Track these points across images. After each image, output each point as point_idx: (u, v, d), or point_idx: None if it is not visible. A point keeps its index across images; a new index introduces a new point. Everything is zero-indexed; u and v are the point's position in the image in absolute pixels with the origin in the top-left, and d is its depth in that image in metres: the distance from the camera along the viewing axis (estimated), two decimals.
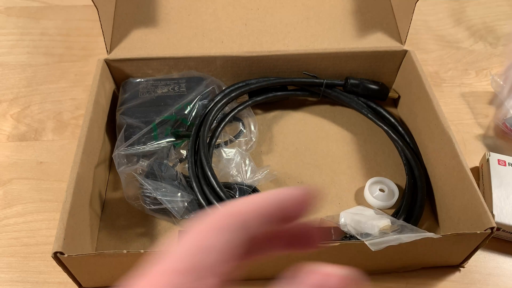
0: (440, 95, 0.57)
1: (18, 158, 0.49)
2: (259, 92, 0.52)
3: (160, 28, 0.52)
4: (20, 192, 0.46)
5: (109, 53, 0.50)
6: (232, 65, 0.52)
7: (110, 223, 0.44)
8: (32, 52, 0.60)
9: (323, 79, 0.52)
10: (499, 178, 0.44)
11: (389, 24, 0.53)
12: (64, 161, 0.49)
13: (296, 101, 0.55)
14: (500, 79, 0.54)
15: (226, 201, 0.40)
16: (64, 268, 0.35)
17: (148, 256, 0.34)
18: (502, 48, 0.63)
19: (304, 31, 0.53)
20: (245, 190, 0.43)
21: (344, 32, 0.53)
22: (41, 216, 0.44)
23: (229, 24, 0.53)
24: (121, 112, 0.47)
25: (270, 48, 0.51)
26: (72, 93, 0.56)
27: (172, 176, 0.43)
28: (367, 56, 0.52)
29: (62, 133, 0.52)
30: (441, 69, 0.61)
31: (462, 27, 0.66)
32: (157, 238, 0.43)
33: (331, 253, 0.36)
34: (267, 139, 0.52)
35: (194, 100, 0.48)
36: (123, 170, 0.43)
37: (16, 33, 0.63)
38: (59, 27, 0.64)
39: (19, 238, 0.43)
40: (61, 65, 0.59)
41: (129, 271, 0.40)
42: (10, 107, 0.54)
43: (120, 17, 0.52)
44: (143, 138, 0.45)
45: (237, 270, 0.17)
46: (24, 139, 0.51)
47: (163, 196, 0.41)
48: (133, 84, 0.50)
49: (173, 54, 0.50)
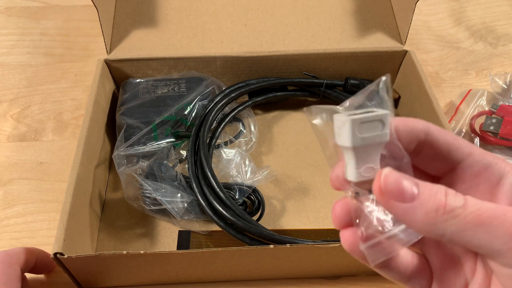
0: (440, 95, 0.57)
1: (18, 158, 0.49)
2: (259, 93, 0.52)
3: (160, 28, 0.52)
4: (20, 192, 0.46)
5: (109, 53, 0.50)
6: (232, 65, 0.52)
7: (110, 223, 0.44)
8: (32, 52, 0.60)
9: (323, 80, 0.52)
10: None
11: (389, 24, 0.53)
12: (64, 161, 0.49)
13: (296, 102, 0.55)
14: (500, 80, 0.54)
15: (226, 201, 0.40)
16: (64, 269, 0.35)
17: (148, 257, 0.34)
18: (502, 49, 0.63)
19: (304, 31, 0.53)
20: (245, 190, 0.43)
21: (344, 32, 0.53)
22: (41, 217, 0.44)
23: (229, 24, 0.53)
24: (121, 112, 0.47)
25: (270, 48, 0.51)
26: (72, 93, 0.56)
27: (172, 177, 0.43)
28: (367, 57, 0.52)
29: (62, 134, 0.52)
30: (441, 69, 0.61)
31: (462, 27, 0.66)
32: (157, 239, 0.43)
33: (331, 253, 0.36)
34: (267, 139, 0.52)
35: (194, 100, 0.48)
36: (123, 170, 0.43)
37: (16, 33, 0.63)
38: (59, 27, 0.64)
39: (19, 239, 0.43)
40: (61, 65, 0.59)
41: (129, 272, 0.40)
42: (10, 107, 0.54)
43: (120, 17, 0.52)
44: (143, 138, 0.45)
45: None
46: (24, 139, 0.51)
47: (163, 196, 0.41)
48: (133, 84, 0.50)
49: (173, 54, 0.50)
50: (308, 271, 0.40)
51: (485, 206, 0.18)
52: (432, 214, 0.18)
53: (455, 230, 0.18)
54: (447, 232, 0.18)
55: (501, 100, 0.52)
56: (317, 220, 0.44)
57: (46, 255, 0.38)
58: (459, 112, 0.52)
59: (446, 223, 0.18)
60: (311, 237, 0.42)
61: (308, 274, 0.41)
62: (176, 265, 0.37)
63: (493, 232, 0.17)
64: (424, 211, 0.18)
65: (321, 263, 0.38)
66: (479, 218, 0.17)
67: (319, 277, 0.41)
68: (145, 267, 0.37)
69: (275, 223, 0.44)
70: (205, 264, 0.37)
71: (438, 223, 0.18)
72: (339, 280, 0.41)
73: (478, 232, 0.17)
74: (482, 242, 0.17)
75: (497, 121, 0.49)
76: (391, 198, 0.18)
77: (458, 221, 0.17)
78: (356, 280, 0.41)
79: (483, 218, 0.17)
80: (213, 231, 0.43)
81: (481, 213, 0.17)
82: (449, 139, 0.21)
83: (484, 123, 0.49)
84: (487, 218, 0.17)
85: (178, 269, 0.37)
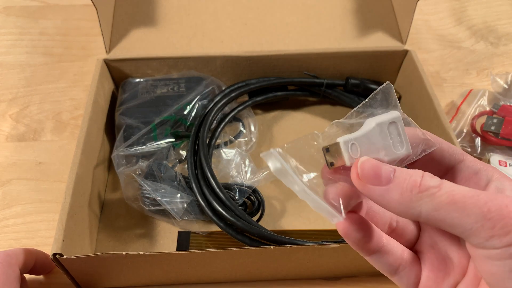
0: (441, 95, 0.57)
1: (17, 158, 0.49)
2: (259, 92, 0.52)
3: (159, 27, 0.52)
4: (19, 192, 0.46)
5: (108, 53, 0.50)
6: (232, 65, 0.52)
7: (109, 224, 0.44)
8: (31, 52, 0.60)
9: (324, 79, 0.52)
10: None
11: (390, 24, 0.53)
12: (63, 161, 0.49)
13: (296, 101, 0.55)
14: (501, 79, 0.54)
15: (226, 202, 0.40)
16: (63, 270, 0.35)
17: (147, 258, 0.34)
18: (503, 48, 0.63)
19: (304, 30, 0.52)
20: (245, 191, 0.42)
21: (345, 32, 0.52)
22: (40, 217, 0.44)
23: (229, 24, 0.53)
24: (121, 112, 0.47)
25: (270, 48, 0.51)
26: (71, 93, 0.56)
27: (172, 177, 0.43)
28: (367, 56, 0.52)
29: (61, 134, 0.52)
30: (442, 69, 0.60)
31: (463, 26, 0.66)
32: (157, 239, 0.43)
33: (331, 254, 0.36)
34: (267, 139, 0.51)
35: (194, 100, 0.48)
36: (122, 170, 0.43)
37: (15, 33, 0.62)
38: (58, 26, 0.63)
39: (18, 239, 0.43)
40: (60, 65, 0.59)
41: (128, 273, 0.40)
42: (9, 107, 0.54)
43: (119, 17, 0.52)
44: (143, 138, 0.45)
45: None
46: (23, 139, 0.51)
47: (162, 197, 0.40)
48: (133, 84, 0.50)
49: (172, 54, 0.50)
50: (308, 272, 0.40)
51: (460, 188, 0.19)
52: (407, 193, 0.19)
53: (430, 208, 0.18)
54: (423, 210, 0.19)
55: (502, 100, 0.52)
56: (318, 221, 0.44)
57: (45, 256, 0.38)
58: (460, 112, 0.52)
59: (421, 201, 0.19)
60: (312, 238, 0.42)
61: (308, 275, 0.41)
62: (175, 266, 0.36)
63: (466, 211, 0.18)
64: (399, 191, 0.19)
65: (322, 264, 0.38)
66: (453, 197, 0.18)
67: (319, 278, 0.41)
68: (145, 268, 0.36)
69: (275, 224, 0.44)
70: (205, 265, 0.37)
71: (413, 201, 0.19)
72: (340, 281, 0.41)
73: (451, 211, 0.18)
74: (455, 221, 0.18)
75: (498, 121, 0.49)
76: (368, 182, 0.20)
77: (432, 199, 0.18)
78: (356, 281, 0.41)
79: (457, 197, 0.18)
80: (213, 232, 0.43)
81: (456, 194, 0.18)
82: (444, 146, 0.22)
83: (485, 123, 0.49)
84: (461, 197, 0.18)
85: (178, 270, 0.37)
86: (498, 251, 0.18)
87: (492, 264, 0.18)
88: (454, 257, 0.23)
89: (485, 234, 0.18)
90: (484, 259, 0.18)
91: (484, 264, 0.19)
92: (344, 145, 0.21)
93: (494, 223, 0.17)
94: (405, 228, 0.25)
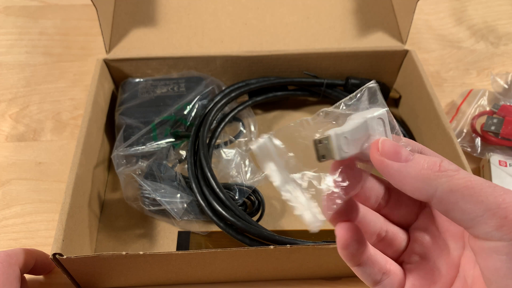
0: (441, 95, 0.57)
1: (17, 158, 0.49)
2: (259, 92, 0.52)
3: (159, 27, 0.52)
4: (19, 192, 0.46)
5: (108, 52, 0.50)
6: (232, 65, 0.52)
7: (109, 224, 0.44)
8: (30, 52, 0.60)
9: (324, 79, 0.52)
10: (500, 179, 0.44)
11: (390, 24, 0.53)
12: (63, 161, 0.49)
13: (296, 101, 0.55)
14: (501, 79, 0.53)
15: (225, 202, 0.40)
16: (63, 270, 0.35)
17: (147, 258, 0.34)
18: (504, 48, 0.63)
19: (304, 30, 0.52)
20: (245, 191, 0.42)
21: (345, 32, 0.52)
22: (40, 217, 0.44)
23: (229, 24, 0.53)
24: (120, 112, 0.47)
25: (270, 48, 0.51)
26: (71, 93, 0.56)
27: (172, 177, 0.42)
28: (368, 56, 0.52)
29: (61, 134, 0.51)
30: (442, 68, 0.60)
31: (463, 26, 0.66)
32: (156, 240, 0.43)
33: (331, 254, 0.36)
34: None
35: (194, 100, 0.48)
36: (122, 170, 0.43)
37: (15, 33, 0.62)
38: (58, 26, 0.63)
39: (17, 239, 0.43)
40: (60, 65, 0.59)
41: (128, 273, 0.40)
42: (9, 107, 0.54)
43: (119, 17, 0.52)
44: (142, 138, 0.45)
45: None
46: (23, 139, 0.51)
47: (162, 197, 0.40)
48: (132, 84, 0.50)
49: (172, 53, 0.50)
50: (308, 272, 0.40)
51: (477, 177, 0.19)
52: (426, 171, 0.19)
53: (446, 188, 0.19)
54: (439, 189, 0.19)
55: (502, 100, 0.52)
56: None
57: (45, 256, 0.38)
58: (460, 112, 0.52)
59: (439, 180, 0.19)
60: (312, 238, 0.42)
61: (308, 275, 0.41)
62: (175, 266, 0.36)
63: (481, 197, 0.18)
64: (418, 167, 0.19)
65: (322, 264, 0.38)
66: (470, 182, 0.19)
67: (319, 278, 0.41)
68: (145, 268, 0.36)
69: (275, 224, 0.44)
70: (205, 265, 0.37)
71: (431, 179, 0.19)
72: (340, 281, 0.41)
73: (466, 195, 0.18)
74: (468, 206, 0.18)
75: (498, 121, 0.48)
76: (387, 157, 0.20)
77: (450, 180, 0.19)
78: (356, 281, 0.41)
79: (474, 184, 0.18)
80: (213, 232, 0.43)
81: (473, 180, 0.19)
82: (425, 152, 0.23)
83: (485, 123, 0.49)
84: (477, 185, 0.18)
85: (178, 270, 0.37)
86: (505, 243, 0.18)
87: (497, 259, 0.18)
88: (442, 267, 0.23)
89: (495, 222, 0.18)
90: (489, 253, 0.18)
91: (489, 258, 0.18)
92: (335, 138, 0.21)
93: (507, 213, 0.18)
94: (394, 238, 0.24)
